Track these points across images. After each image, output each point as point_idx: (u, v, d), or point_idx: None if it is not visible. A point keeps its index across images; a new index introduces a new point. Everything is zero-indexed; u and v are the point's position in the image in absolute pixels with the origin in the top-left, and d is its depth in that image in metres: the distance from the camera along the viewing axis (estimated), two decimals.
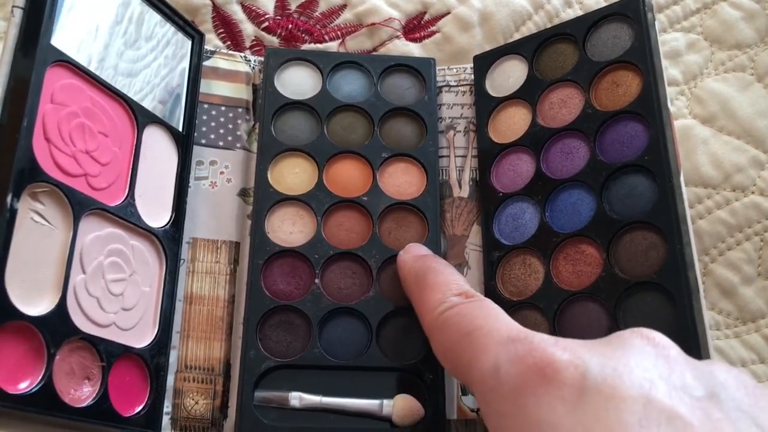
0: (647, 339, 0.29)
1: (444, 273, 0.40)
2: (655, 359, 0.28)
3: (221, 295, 0.46)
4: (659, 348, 0.29)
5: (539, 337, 0.30)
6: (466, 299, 0.37)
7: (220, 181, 0.49)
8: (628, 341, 0.29)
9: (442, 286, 0.38)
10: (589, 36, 0.47)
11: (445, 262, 0.42)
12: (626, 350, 0.28)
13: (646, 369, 0.27)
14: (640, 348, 0.29)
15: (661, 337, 0.30)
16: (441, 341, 0.36)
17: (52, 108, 0.39)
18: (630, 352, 0.28)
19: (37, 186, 0.37)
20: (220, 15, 0.57)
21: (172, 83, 0.48)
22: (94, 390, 0.38)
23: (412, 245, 0.45)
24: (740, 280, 0.48)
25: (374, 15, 0.57)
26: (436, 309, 0.37)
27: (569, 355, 0.28)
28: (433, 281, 0.39)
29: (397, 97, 0.52)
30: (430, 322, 0.38)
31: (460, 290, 0.38)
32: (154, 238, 0.44)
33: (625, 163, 0.42)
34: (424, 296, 0.39)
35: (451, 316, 0.36)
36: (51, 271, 0.37)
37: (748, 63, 0.54)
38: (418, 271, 0.41)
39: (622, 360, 0.28)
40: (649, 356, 0.28)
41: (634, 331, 0.30)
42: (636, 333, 0.30)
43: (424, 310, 0.39)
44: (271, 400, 0.43)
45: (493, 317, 0.34)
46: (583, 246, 0.43)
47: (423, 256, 0.43)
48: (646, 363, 0.28)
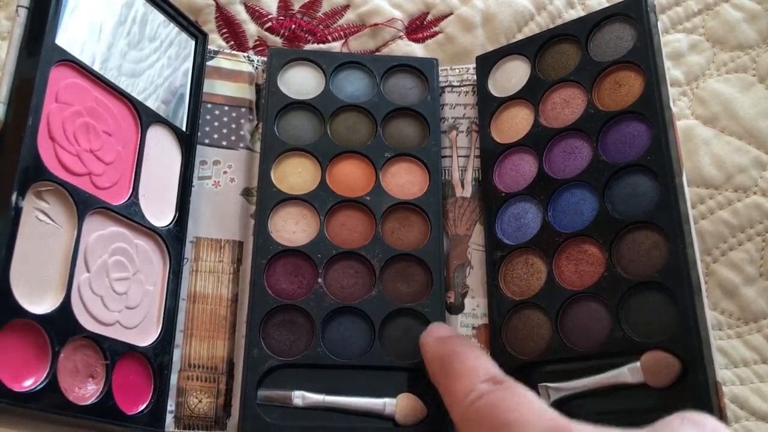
0: (699, 427, 0.27)
1: (470, 358, 0.38)
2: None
3: (224, 294, 0.46)
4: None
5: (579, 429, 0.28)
6: (495, 386, 0.34)
7: (223, 180, 0.49)
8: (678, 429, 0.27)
9: (470, 373, 0.36)
10: (591, 36, 0.47)
11: (469, 343, 0.41)
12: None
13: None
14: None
15: (714, 425, 0.28)
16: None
17: (56, 107, 0.39)
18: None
19: (42, 185, 0.37)
20: (223, 15, 0.57)
21: (175, 83, 0.49)
22: (98, 388, 0.38)
23: (434, 327, 0.43)
24: (742, 281, 0.48)
25: (377, 15, 0.57)
26: (466, 399, 0.35)
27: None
28: (460, 368, 0.37)
29: (399, 97, 0.52)
30: (460, 413, 0.35)
31: (488, 375, 0.35)
32: (158, 237, 0.44)
33: (627, 163, 0.42)
34: (452, 385, 0.37)
35: (482, 407, 0.34)
36: (55, 269, 0.37)
37: (750, 64, 0.54)
38: (443, 357, 0.39)
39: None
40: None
41: (684, 418, 0.28)
42: (687, 420, 0.28)
43: (452, 401, 0.36)
44: (274, 399, 0.43)
45: (526, 406, 0.32)
46: (586, 246, 0.43)
47: (446, 338, 0.41)
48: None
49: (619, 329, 0.39)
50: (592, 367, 0.40)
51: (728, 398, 0.45)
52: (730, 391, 0.45)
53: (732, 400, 0.45)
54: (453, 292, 0.48)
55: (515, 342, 0.44)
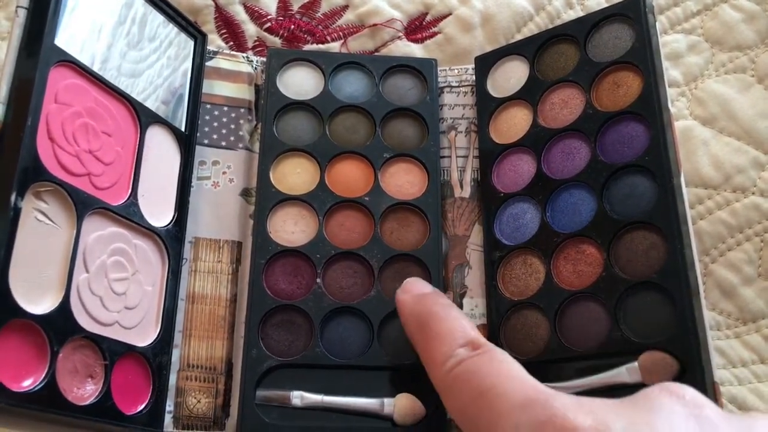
0: (677, 397, 0.27)
1: (448, 319, 0.37)
2: (686, 420, 0.26)
3: (223, 294, 0.47)
4: (690, 407, 0.27)
5: (560, 401, 0.28)
6: (474, 351, 0.34)
7: (222, 181, 0.49)
8: (657, 401, 0.27)
9: (448, 336, 0.36)
10: (590, 37, 0.47)
11: (447, 302, 0.40)
12: (654, 412, 0.27)
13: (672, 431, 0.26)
14: (669, 408, 0.27)
15: (693, 394, 0.28)
16: (453, 402, 0.34)
17: (56, 108, 0.39)
18: (658, 414, 0.27)
19: (41, 185, 0.37)
20: (222, 15, 0.57)
21: (174, 84, 0.49)
22: (97, 388, 0.38)
23: (411, 282, 0.42)
24: (741, 281, 0.48)
25: (376, 16, 0.58)
26: (444, 365, 0.35)
27: (592, 420, 0.26)
28: (437, 330, 0.37)
29: (398, 98, 0.52)
30: (439, 379, 0.35)
31: (467, 339, 0.35)
32: (157, 237, 0.44)
33: (625, 164, 0.42)
34: (429, 347, 0.37)
35: (461, 373, 0.34)
36: (54, 269, 0.38)
37: (749, 64, 0.54)
38: (420, 316, 0.39)
39: (650, 423, 0.26)
40: (678, 417, 0.26)
41: (663, 388, 0.28)
42: (665, 390, 0.28)
43: (431, 364, 0.36)
44: (272, 399, 0.43)
45: (505, 374, 0.32)
46: (584, 246, 0.43)
47: (423, 295, 0.40)
48: (676, 425, 0.26)
49: (617, 329, 0.39)
50: (590, 367, 0.40)
51: (726, 398, 0.45)
52: (728, 392, 0.45)
53: (730, 400, 0.45)
54: (451, 292, 0.48)
55: (513, 342, 0.44)
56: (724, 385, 0.46)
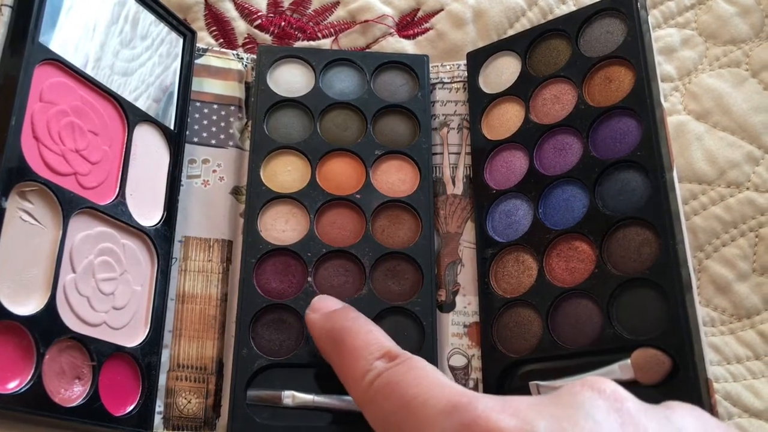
0: (598, 391, 0.28)
1: (361, 333, 0.37)
2: (607, 414, 0.27)
3: (214, 293, 0.46)
4: (611, 401, 0.27)
5: (483, 403, 0.28)
6: (391, 362, 0.34)
7: (212, 179, 0.49)
8: (579, 396, 0.28)
9: (363, 350, 0.35)
10: (581, 32, 0.47)
11: (357, 315, 0.39)
12: (576, 407, 0.27)
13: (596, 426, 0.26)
14: (591, 402, 0.27)
15: (614, 388, 0.28)
16: (374, 415, 0.33)
17: (40, 106, 0.39)
18: (580, 410, 0.27)
19: (26, 185, 0.37)
20: (212, 12, 0.56)
21: (166, 82, 0.48)
22: (85, 389, 0.38)
23: (319, 300, 0.41)
24: (735, 277, 0.48)
25: (367, 12, 0.57)
26: (363, 380, 0.34)
27: (516, 421, 0.27)
28: (351, 344, 0.36)
29: (390, 95, 0.51)
30: (360, 394, 0.34)
31: (382, 351, 0.35)
32: (146, 236, 0.44)
33: (617, 159, 0.42)
34: (346, 364, 0.36)
35: (381, 386, 0.33)
36: (40, 270, 0.37)
37: (743, 58, 0.54)
38: (331, 333, 0.38)
39: (572, 419, 0.26)
40: (600, 411, 0.27)
41: (585, 384, 0.28)
42: (587, 386, 0.28)
43: (349, 380, 0.35)
44: (263, 399, 0.43)
45: (426, 381, 0.32)
46: (576, 242, 0.42)
47: (332, 312, 0.40)
48: (597, 419, 0.26)
49: (609, 326, 0.39)
50: (583, 364, 0.39)
51: (721, 395, 0.45)
52: (722, 388, 0.45)
53: (725, 396, 0.45)
54: (444, 290, 0.47)
55: (506, 340, 0.43)
56: (718, 382, 0.45)
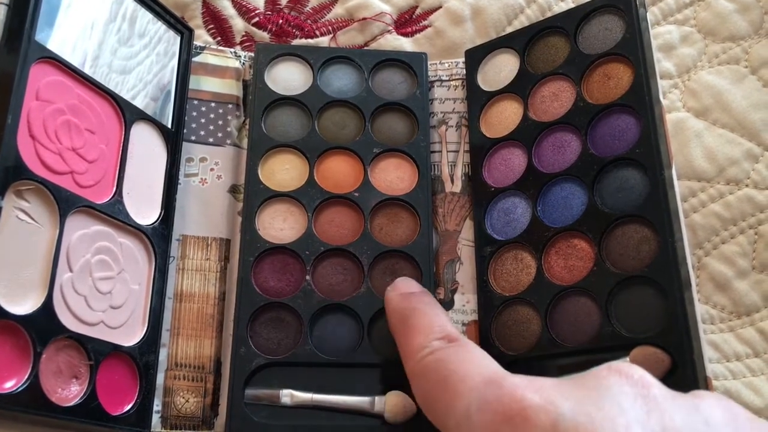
0: (626, 377, 0.27)
1: (428, 315, 0.38)
2: (633, 400, 0.26)
3: (212, 292, 0.46)
4: (638, 387, 0.27)
5: (510, 380, 0.29)
6: (449, 344, 0.35)
7: (210, 177, 0.49)
8: (605, 381, 0.27)
9: (425, 329, 0.37)
10: (580, 29, 0.47)
11: (432, 301, 0.40)
12: (602, 392, 0.27)
13: (621, 412, 0.26)
14: (618, 388, 0.27)
15: (641, 374, 0.28)
16: (418, 388, 0.35)
17: (37, 105, 0.39)
18: (606, 394, 0.27)
19: (22, 184, 0.37)
20: (209, 10, 0.56)
21: (163, 80, 0.48)
22: (82, 389, 0.38)
23: (401, 281, 0.42)
24: (734, 274, 0.48)
25: (365, 10, 0.57)
26: (417, 354, 0.35)
27: (540, 399, 0.27)
28: (417, 324, 0.37)
29: (388, 93, 0.51)
30: (410, 368, 0.36)
31: (443, 333, 0.36)
32: (143, 235, 0.44)
33: (616, 157, 0.42)
34: (407, 340, 0.37)
35: (431, 362, 0.34)
36: (37, 269, 0.37)
37: (742, 55, 0.54)
38: (403, 312, 0.39)
39: (597, 403, 0.26)
40: (626, 397, 0.26)
41: (612, 368, 0.28)
42: (614, 370, 0.28)
43: (407, 355, 0.37)
44: (261, 398, 0.42)
45: (469, 361, 0.33)
46: (575, 240, 0.42)
47: (410, 294, 0.40)
48: (623, 405, 0.26)
49: (608, 324, 0.39)
50: (582, 362, 0.39)
51: (721, 392, 0.45)
52: (722, 385, 0.45)
53: (724, 394, 0.45)
54: (442, 288, 0.47)
55: (505, 338, 0.43)
56: (718, 379, 0.45)
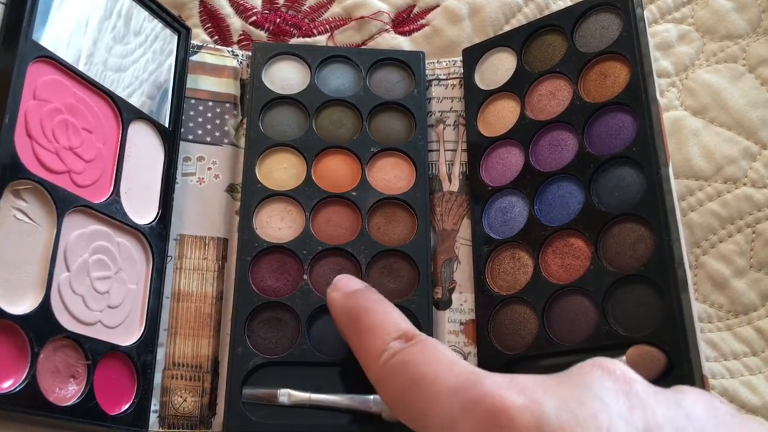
0: (608, 373, 0.28)
1: (379, 313, 0.37)
2: (616, 396, 0.26)
3: (209, 291, 0.46)
4: (620, 383, 0.27)
5: (491, 380, 0.28)
6: (407, 343, 0.34)
7: (207, 177, 0.49)
8: (588, 377, 0.28)
9: (380, 330, 0.36)
10: (577, 27, 0.47)
11: (378, 297, 0.39)
12: (585, 388, 0.27)
13: (604, 408, 0.26)
14: (600, 384, 0.27)
15: (623, 370, 0.28)
16: (388, 393, 0.34)
17: (34, 104, 0.39)
18: (588, 390, 0.27)
19: (20, 183, 0.37)
20: (207, 9, 0.56)
21: (160, 78, 0.48)
22: (80, 388, 0.38)
23: (340, 279, 0.41)
24: (732, 273, 0.48)
25: (363, 8, 0.57)
26: (379, 359, 0.34)
27: (524, 398, 0.27)
28: (369, 324, 0.36)
29: (386, 92, 0.51)
30: (374, 373, 0.35)
31: (399, 332, 0.35)
32: (141, 235, 0.44)
33: (612, 155, 0.42)
34: (363, 343, 0.36)
35: (396, 365, 0.34)
36: (34, 269, 0.37)
37: (740, 54, 0.54)
38: (351, 312, 0.38)
39: (580, 399, 0.26)
40: (609, 392, 0.27)
41: (594, 364, 0.28)
42: (597, 366, 0.28)
43: (366, 359, 0.36)
44: (259, 397, 0.42)
45: (438, 360, 0.32)
46: (572, 239, 0.42)
47: (353, 292, 0.39)
48: (606, 400, 0.26)
49: (605, 323, 0.39)
50: (579, 361, 0.39)
51: (718, 391, 0.45)
52: (720, 384, 0.45)
53: (722, 393, 0.45)
54: (440, 287, 0.47)
55: (502, 337, 0.43)
56: (715, 378, 0.45)
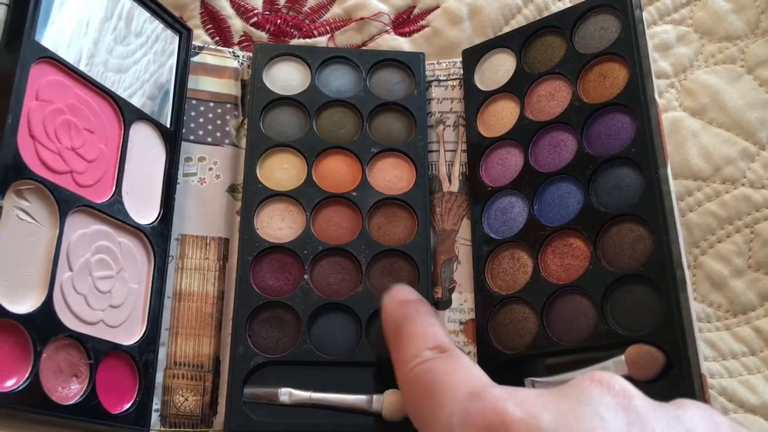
0: (607, 387, 0.28)
1: (422, 324, 0.38)
2: (614, 411, 0.26)
3: (210, 291, 0.46)
4: (619, 397, 0.27)
5: (492, 392, 0.29)
6: (440, 354, 0.35)
7: (208, 177, 0.49)
8: (587, 391, 0.27)
9: (418, 339, 0.36)
10: (576, 28, 0.47)
11: (427, 309, 0.40)
12: (584, 403, 0.27)
13: (602, 423, 0.26)
14: (599, 398, 0.27)
15: (622, 384, 0.28)
16: (407, 397, 0.35)
17: (37, 105, 0.39)
18: (587, 405, 0.27)
19: (23, 183, 0.37)
20: (208, 10, 0.57)
21: (161, 79, 0.48)
22: (82, 387, 0.38)
23: (398, 288, 0.42)
24: (731, 273, 0.48)
25: (363, 9, 0.57)
26: (409, 364, 0.35)
27: (521, 412, 0.27)
28: (410, 332, 0.37)
29: (386, 92, 0.51)
30: (401, 377, 0.36)
31: (435, 343, 0.36)
32: (142, 234, 0.44)
33: (611, 156, 0.42)
34: (400, 348, 0.37)
35: (420, 371, 0.34)
36: (37, 268, 0.37)
37: (738, 55, 0.54)
38: (398, 319, 0.39)
39: (578, 414, 0.26)
40: (607, 408, 0.27)
41: (594, 379, 0.28)
42: (596, 381, 0.28)
43: (399, 364, 0.37)
44: (260, 396, 0.43)
45: (456, 371, 0.33)
46: (571, 239, 0.43)
47: (405, 302, 0.40)
48: (604, 416, 0.26)
49: (603, 323, 0.39)
50: (578, 360, 0.39)
51: (717, 391, 0.45)
52: (718, 384, 0.45)
53: (720, 392, 0.45)
54: (440, 287, 0.47)
55: (502, 337, 0.43)
56: (714, 378, 0.46)
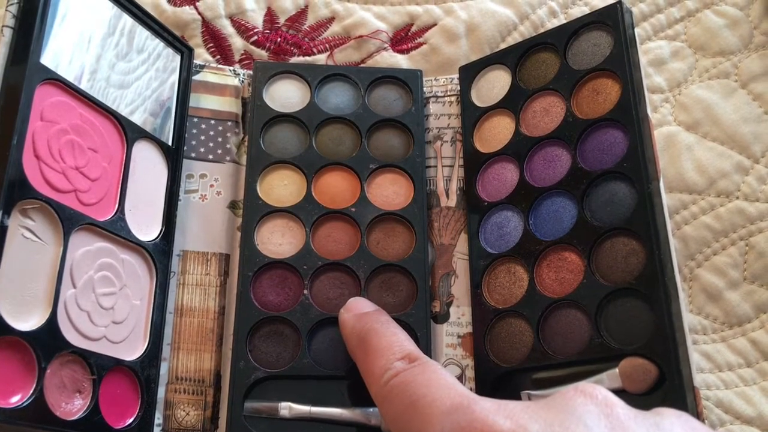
0: (590, 397, 0.29)
1: (386, 335, 0.39)
2: (598, 419, 0.28)
3: (211, 306, 0.47)
4: (602, 406, 0.29)
5: (480, 405, 0.30)
6: (410, 364, 0.36)
7: (210, 193, 0.50)
8: (571, 401, 0.29)
9: (386, 351, 0.37)
10: (569, 45, 0.48)
11: (387, 319, 0.41)
12: (568, 412, 0.28)
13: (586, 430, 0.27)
14: (583, 407, 0.29)
15: (605, 394, 0.29)
16: (388, 412, 0.35)
17: (41, 125, 0.40)
18: (572, 414, 0.28)
19: (28, 202, 0.38)
20: (209, 29, 0.58)
21: (162, 96, 0.49)
22: (85, 403, 0.39)
23: (353, 301, 0.43)
24: (726, 285, 0.49)
25: (362, 27, 0.58)
26: (381, 378, 0.36)
27: (511, 423, 0.28)
28: (376, 345, 0.38)
29: (384, 109, 0.52)
30: (376, 391, 0.36)
31: (404, 353, 0.37)
32: (144, 251, 0.45)
33: (604, 171, 0.43)
34: (368, 362, 0.38)
35: (396, 385, 0.35)
36: (41, 286, 0.38)
37: (732, 70, 0.55)
38: (360, 333, 0.40)
39: (564, 423, 0.28)
40: (591, 416, 0.28)
41: (577, 389, 0.30)
42: (579, 391, 0.30)
43: (369, 378, 0.37)
44: (261, 411, 0.43)
45: (435, 383, 0.34)
46: (566, 253, 0.43)
47: (364, 314, 0.41)
48: (588, 423, 0.28)
49: (597, 336, 0.40)
50: (573, 373, 0.40)
51: (713, 402, 0.46)
52: (714, 395, 0.46)
53: (717, 404, 0.46)
54: (438, 301, 0.48)
55: (498, 350, 0.44)
56: (710, 389, 0.46)
